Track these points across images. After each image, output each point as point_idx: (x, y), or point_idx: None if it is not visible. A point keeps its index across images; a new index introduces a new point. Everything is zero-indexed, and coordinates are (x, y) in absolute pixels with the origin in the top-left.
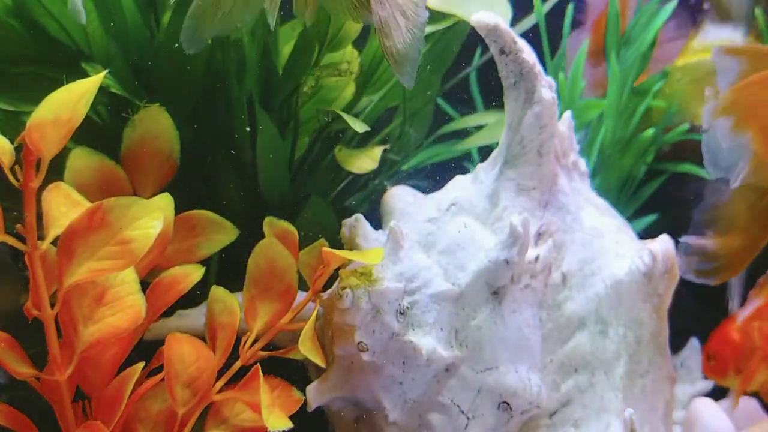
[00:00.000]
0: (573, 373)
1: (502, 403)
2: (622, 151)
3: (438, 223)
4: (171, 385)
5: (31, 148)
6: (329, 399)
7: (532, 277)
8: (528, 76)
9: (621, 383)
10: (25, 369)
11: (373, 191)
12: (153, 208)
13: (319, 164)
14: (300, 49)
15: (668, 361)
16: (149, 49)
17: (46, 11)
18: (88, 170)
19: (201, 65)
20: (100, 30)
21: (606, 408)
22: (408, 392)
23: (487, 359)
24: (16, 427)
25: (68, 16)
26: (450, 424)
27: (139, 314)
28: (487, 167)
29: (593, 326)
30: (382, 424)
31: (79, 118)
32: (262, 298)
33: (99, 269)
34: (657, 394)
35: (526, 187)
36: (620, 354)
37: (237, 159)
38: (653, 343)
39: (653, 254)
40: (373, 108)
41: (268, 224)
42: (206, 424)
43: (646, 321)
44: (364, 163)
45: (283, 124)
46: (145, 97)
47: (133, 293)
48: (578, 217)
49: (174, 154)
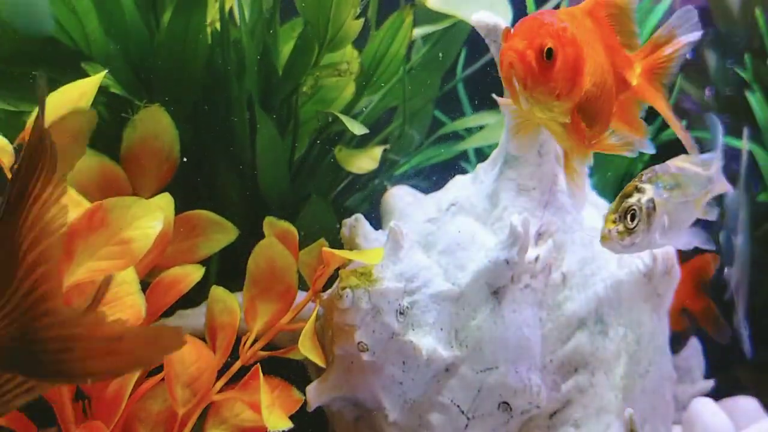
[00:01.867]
0: (573, 373)
1: (502, 403)
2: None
3: (438, 223)
4: (171, 385)
5: None
6: (329, 399)
7: (532, 277)
8: None
9: (621, 383)
10: None
11: (373, 191)
12: (153, 208)
13: (319, 164)
14: (300, 49)
15: (668, 361)
16: (149, 49)
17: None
18: (88, 170)
19: (201, 65)
20: (100, 30)
21: (606, 408)
22: (408, 392)
23: (487, 359)
24: (16, 427)
25: (68, 16)
26: (450, 424)
27: (139, 314)
28: (487, 167)
29: (593, 326)
30: (382, 424)
31: None
32: (262, 298)
33: (99, 269)
34: (657, 394)
35: (526, 187)
36: (620, 354)
37: (237, 159)
38: (653, 343)
39: (653, 254)
40: (372, 108)
41: (268, 224)
42: (206, 424)
43: (646, 321)
44: (364, 163)
45: (283, 124)
46: (145, 97)
47: (133, 293)
48: (578, 217)
49: (174, 154)
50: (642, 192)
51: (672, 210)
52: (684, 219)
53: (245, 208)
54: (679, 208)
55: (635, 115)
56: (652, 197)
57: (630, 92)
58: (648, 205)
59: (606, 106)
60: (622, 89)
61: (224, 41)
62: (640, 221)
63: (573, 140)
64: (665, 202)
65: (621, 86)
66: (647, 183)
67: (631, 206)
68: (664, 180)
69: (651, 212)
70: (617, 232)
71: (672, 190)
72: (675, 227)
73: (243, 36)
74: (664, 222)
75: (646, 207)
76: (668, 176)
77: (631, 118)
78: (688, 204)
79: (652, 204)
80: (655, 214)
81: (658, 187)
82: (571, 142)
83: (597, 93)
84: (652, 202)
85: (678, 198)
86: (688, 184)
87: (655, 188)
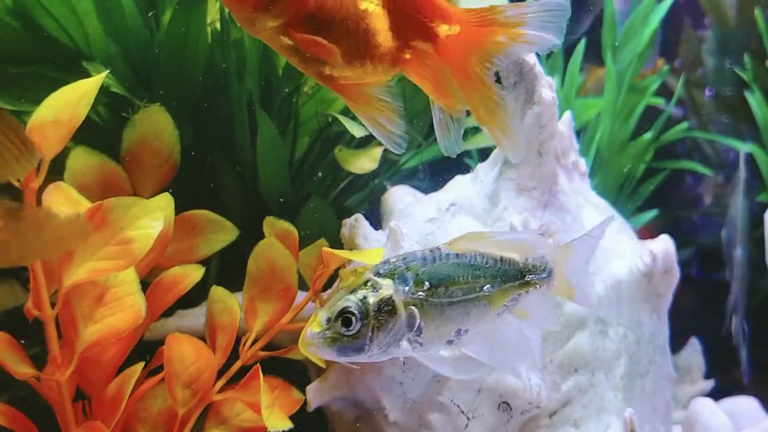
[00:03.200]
0: (573, 373)
1: (502, 403)
2: (620, 151)
3: (438, 223)
4: (171, 385)
5: None
6: (329, 399)
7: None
8: (528, 76)
9: (621, 383)
10: (25, 369)
11: (373, 191)
12: (153, 208)
13: (319, 164)
14: None
15: (668, 361)
16: (149, 49)
17: (46, 11)
18: (88, 170)
19: (201, 65)
20: (100, 30)
21: (606, 408)
22: (408, 392)
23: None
24: (16, 427)
25: (68, 16)
26: (450, 424)
27: (139, 314)
28: (487, 167)
29: (593, 326)
30: (382, 424)
31: (80, 118)
32: (262, 298)
33: (99, 269)
34: (657, 394)
35: (526, 187)
36: (620, 354)
37: (237, 159)
38: (653, 343)
39: (653, 254)
40: None
41: (268, 224)
42: (206, 424)
43: (646, 321)
44: (364, 163)
45: (283, 124)
46: (145, 97)
47: (133, 293)
48: (578, 217)
49: (174, 154)
50: (374, 288)
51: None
52: (451, 328)
53: (245, 208)
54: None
55: (442, 77)
56: (389, 296)
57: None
58: (379, 307)
59: (351, 27)
60: (416, 37)
61: (224, 41)
62: (362, 327)
63: (300, 65)
64: (421, 302)
65: (417, 33)
66: (385, 277)
67: (347, 308)
68: (414, 270)
69: (385, 316)
70: (322, 338)
71: (430, 287)
72: (436, 339)
73: (243, 36)
74: (405, 331)
75: (375, 309)
76: (423, 264)
77: (437, 79)
78: (467, 305)
79: (387, 305)
80: (394, 318)
81: (405, 282)
82: (303, 66)
83: (330, 9)
84: (388, 303)
85: (440, 297)
86: (465, 277)
87: (397, 283)
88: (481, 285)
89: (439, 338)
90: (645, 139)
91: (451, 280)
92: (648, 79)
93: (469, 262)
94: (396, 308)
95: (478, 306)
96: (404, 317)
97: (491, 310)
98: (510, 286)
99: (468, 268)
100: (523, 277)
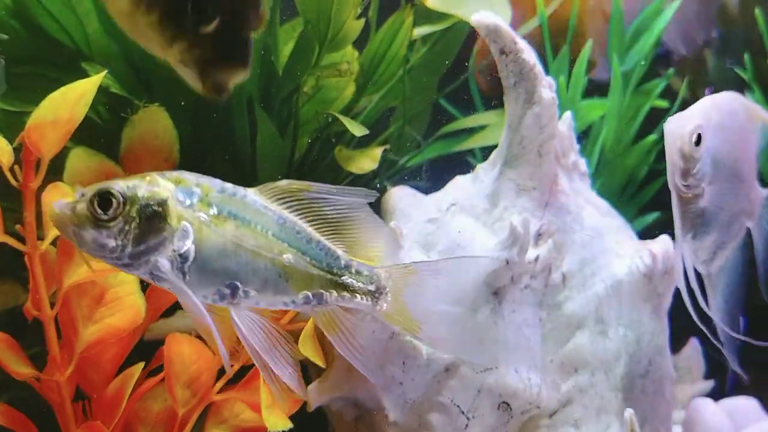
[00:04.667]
0: (573, 373)
1: (502, 403)
2: (624, 153)
3: (438, 223)
4: (171, 385)
5: (31, 148)
6: (329, 399)
7: (532, 278)
8: (528, 76)
9: (621, 383)
10: (25, 369)
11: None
12: None
13: (319, 164)
14: (300, 49)
15: (668, 361)
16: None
17: (46, 11)
18: (88, 170)
19: None
20: (100, 30)
21: (606, 408)
22: (408, 392)
23: (487, 359)
24: (16, 427)
25: (68, 16)
26: (450, 424)
27: (139, 314)
28: (487, 167)
29: (593, 326)
30: (382, 424)
31: (79, 118)
32: None
33: (99, 269)
34: (657, 394)
35: (526, 187)
36: (620, 354)
37: (237, 159)
38: (653, 343)
39: (653, 254)
40: (372, 108)
41: None
42: (206, 424)
43: (646, 321)
44: (364, 163)
45: (283, 124)
46: (144, 97)
47: (133, 293)
48: (578, 217)
49: (173, 153)
50: (151, 184)
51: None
52: (229, 276)
53: None
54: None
55: None
56: (164, 198)
57: None
58: (147, 203)
59: None
60: None
61: None
62: (118, 216)
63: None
64: (200, 224)
65: None
66: (168, 180)
67: (109, 190)
68: (205, 190)
69: (150, 217)
70: (69, 210)
71: (218, 215)
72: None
73: None
74: (169, 247)
75: (142, 204)
76: (219, 191)
77: None
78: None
79: (158, 206)
80: (161, 225)
81: (189, 194)
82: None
83: None
84: (160, 204)
85: (224, 232)
86: (265, 230)
87: (179, 190)
88: (280, 250)
89: (211, 281)
90: (649, 141)
91: (245, 222)
92: (653, 81)
93: (277, 220)
94: (167, 215)
95: (270, 272)
96: (174, 229)
97: (290, 288)
98: (318, 275)
99: (273, 224)
100: (338, 275)
